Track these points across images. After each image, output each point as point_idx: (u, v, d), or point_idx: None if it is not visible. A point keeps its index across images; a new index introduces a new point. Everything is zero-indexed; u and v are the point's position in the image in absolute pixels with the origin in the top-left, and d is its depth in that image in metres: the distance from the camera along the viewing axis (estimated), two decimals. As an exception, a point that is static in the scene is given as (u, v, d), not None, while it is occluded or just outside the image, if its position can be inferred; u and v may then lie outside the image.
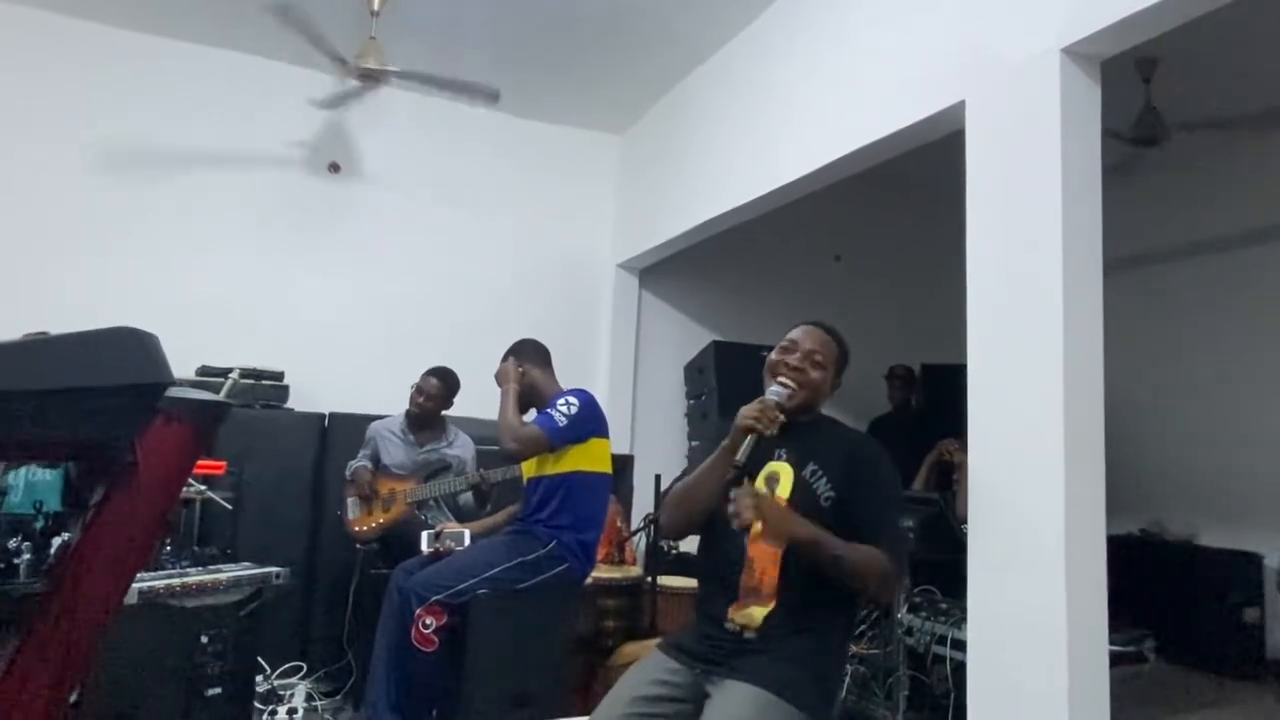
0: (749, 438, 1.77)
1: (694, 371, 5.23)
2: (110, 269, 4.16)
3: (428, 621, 2.57)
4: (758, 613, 1.78)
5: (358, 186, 4.77)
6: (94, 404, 0.97)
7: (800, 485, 1.83)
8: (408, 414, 3.68)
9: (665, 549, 3.89)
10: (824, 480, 1.83)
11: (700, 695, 1.77)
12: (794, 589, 1.77)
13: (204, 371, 3.90)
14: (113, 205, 4.24)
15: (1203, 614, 4.82)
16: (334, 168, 4.71)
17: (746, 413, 1.80)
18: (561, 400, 2.74)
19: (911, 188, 5.71)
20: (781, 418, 1.80)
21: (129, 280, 4.15)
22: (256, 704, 3.02)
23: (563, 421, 2.69)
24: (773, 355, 1.98)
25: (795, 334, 1.99)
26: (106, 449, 1.04)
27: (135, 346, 0.99)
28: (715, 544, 1.92)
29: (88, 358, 0.97)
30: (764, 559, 1.80)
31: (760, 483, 1.86)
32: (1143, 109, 3.96)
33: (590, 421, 2.78)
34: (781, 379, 1.90)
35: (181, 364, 2.04)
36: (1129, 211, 2.84)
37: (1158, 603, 4.54)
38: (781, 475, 1.86)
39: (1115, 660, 2.33)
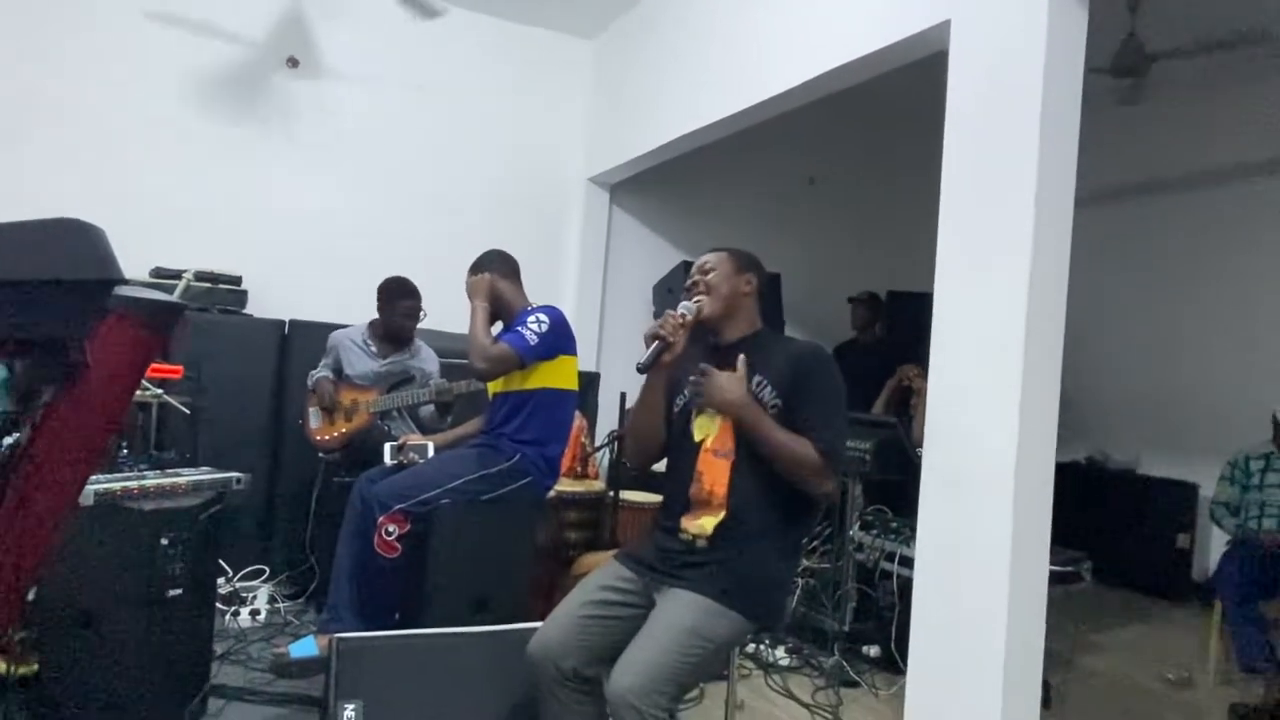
0: (655, 344, 1.86)
1: (662, 291, 5.21)
2: (50, 158, 3.95)
3: (390, 529, 2.59)
4: (709, 522, 1.85)
5: (317, 84, 4.56)
6: (35, 299, 0.93)
7: (752, 395, 1.89)
8: (371, 324, 3.63)
9: (629, 464, 3.95)
10: (769, 389, 1.89)
11: (650, 603, 1.83)
12: (742, 499, 1.84)
13: (157, 273, 3.79)
14: (51, 89, 4.00)
15: (1139, 539, 5.08)
16: (292, 62, 4.48)
17: (653, 325, 1.90)
18: (532, 317, 2.71)
19: (889, 114, 5.63)
20: (682, 332, 1.89)
21: (72, 172, 3.96)
22: (219, 605, 3.06)
23: (533, 340, 2.67)
24: None
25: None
26: (53, 347, 1.00)
27: (80, 239, 0.95)
28: (674, 461, 2.00)
29: (27, 249, 0.92)
30: (713, 471, 1.88)
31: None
32: (1126, 38, 3.90)
33: (560, 339, 2.76)
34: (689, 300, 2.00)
35: (133, 264, 1.97)
36: (1098, 144, 2.83)
37: (1098, 527, 4.76)
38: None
39: (1053, 580, 2.44)
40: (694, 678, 1.76)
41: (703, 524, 1.86)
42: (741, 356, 1.90)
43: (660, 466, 2.08)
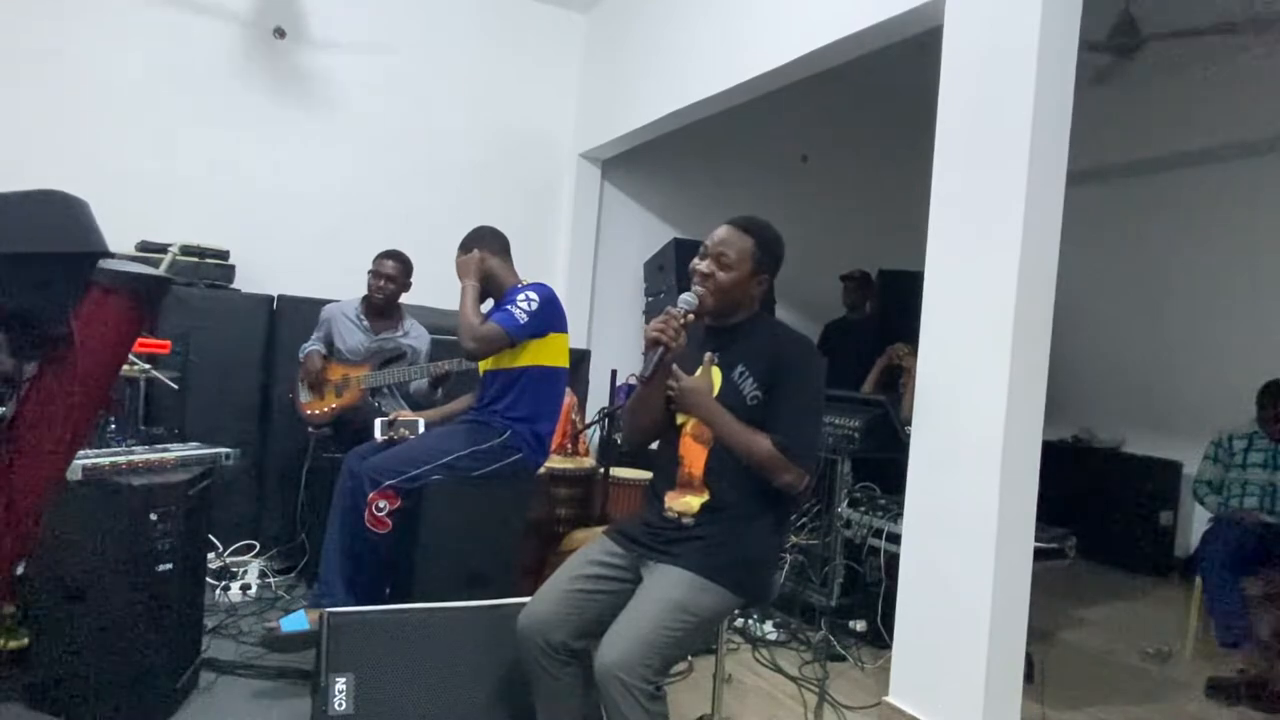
0: (657, 351, 1.81)
1: (654, 268, 5.20)
2: (33, 130, 3.89)
3: (381, 505, 2.59)
4: (694, 501, 1.88)
5: (305, 56, 4.49)
6: (18, 272, 0.92)
7: (727, 385, 1.89)
8: (365, 300, 3.61)
9: (619, 441, 3.96)
10: (750, 380, 1.87)
11: (638, 578, 1.85)
12: (721, 482, 1.86)
13: (143, 247, 3.75)
14: (36, 61, 3.93)
15: (1123, 516, 5.14)
16: (280, 33, 4.41)
17: (653, 325, 1.83)
18: (522, 296, 2.70)
19: (882, 91, 5.61)
20: (683, 332, 1.82)
21: (55, 144, 3.90)
22: (209, 580, 3.07)
23: (523, 319, 2.66)
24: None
25: (711, 235, 1.95)
26: (38, 321, 0.99)
27: (64, 211, 0.93)
28: (661, 442, 2.01)
29: (9, 221, 0.91)
30: (691, 454, 1.90)
31: None
32: (1120, 15, 3.89)
33: (550, 317, 2.75)
34: (695, 286, 1.91)
35: (118, 238, 1.95)
36: (1087, 123, 2.83)
37: (1083, 505, 4.82)
38: (712, 377, 1.92)
39: (1038, 556, 2.47)
40: (680, 651, 1.77)
41: (688, 502, 1.88)
42: (708, 355, 1.91)
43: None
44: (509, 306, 2.68)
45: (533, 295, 2.70)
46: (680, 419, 1.94)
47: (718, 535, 1.83)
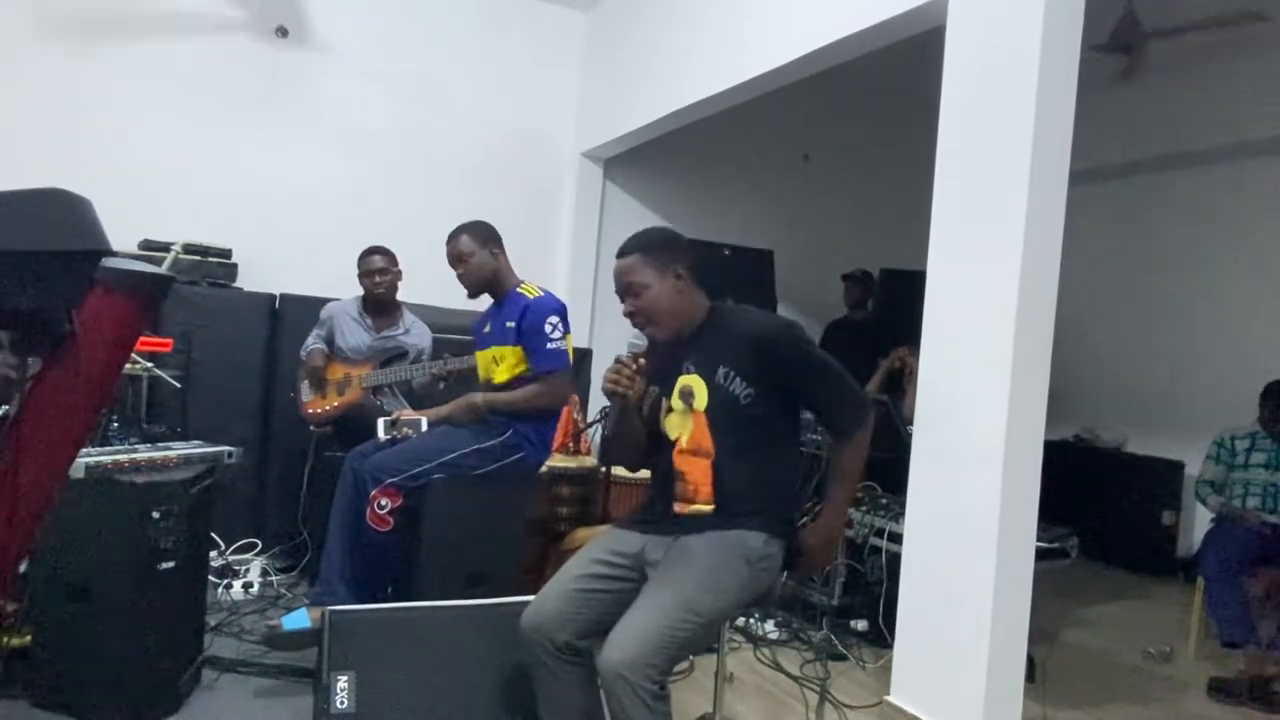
0: (615, 402, 1.81)
1: (655, 267, 5.19)
2: (39, 130, 3.90)
3: (383, 503, 2.60)
4: (704, 508, 1.85)
5: (308, 54, 4.49)
6: (21, 270, 0.92)
7: (715, 392, 1.84)
8: (364, 299, 3.60)
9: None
10: (737, 379, 1.82)
11: (643, 576, 1.83)
12: (728, 493, 1.84)
13: (146, 246, 3.75)
14: (39, 60, 3.94)
15: (1125, 516, 5.13)
16: (282, 32, 4.42)
17: (607, 377, 1.81)
18: (546, 325, 2.70)
19: (885, 90, 5.61)
20: (638, 376, 1.82)
21: (58, 142, 3.90)
22: (212, 578, 3.07)
23: (564, 346, 2.72)
24: None
25: (614, 279, 1.93)
26: (40, 319, 0.99)
27: (67, 209, 0.94)
28: (655, 458, 1.99)
29: (12, 219, 0.91)
30: (695, 471, 1.86)
31: (675, 400, 1.88)
32: (1122, 14, 3.88)
33: (567, 329, 2.79)
34: (634, 328, 1.89)
35: (121, 237, 1.95)
36: (1089, 122, 2.83)
37: (1086, 505, 4.81)
38: (695, 388, 1.86)
39: (1040, 556, 2.47)
40: (684, 652, 1.76)
41: (697, 508, 1.86)
42: (685, 367, 1.87)
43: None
44: (545, 345, 2.69)
45: (554, 320, 2.71)
46: (674, 433, 1.89)
47: (727, 524, 1.82)
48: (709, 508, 1.84)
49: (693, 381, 1.87)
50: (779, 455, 1.91)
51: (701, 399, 1.85)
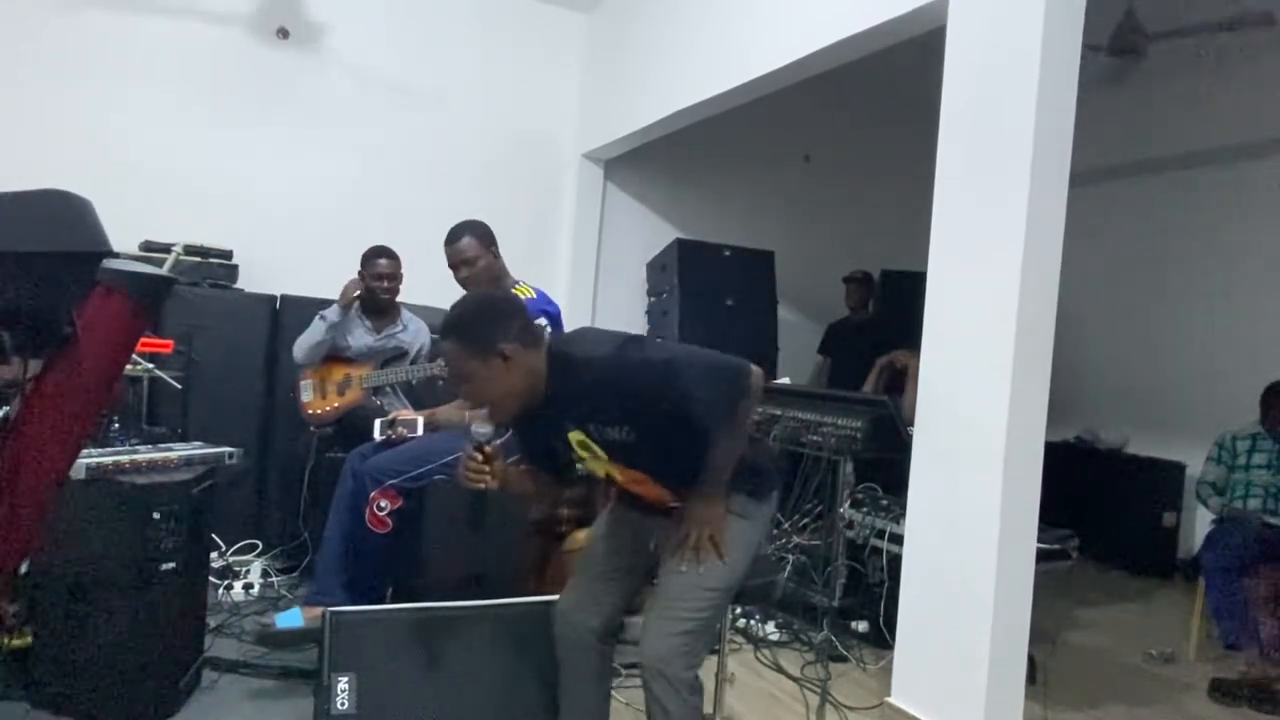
0: (478, 497, 1.82)
1: (656, 268, 5.20)
2: (39, 131, 3.90)
3: (382, 504, 2.59)
4: (673, 505, 1.89)
5: (309, 55, 4.49)
6: (22, 270, 0.92)
7: (603, 443, 1.78)
8: (363, 301, 3.59)
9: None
10: (613, 428, 1.74)
11: (647, 550, 1.95)
12: (687, 482, 1.80)
13: (146, 247, 3.75)
14: (39, 60, 3.94)
15: (1126, 517, 5.13)
16: (283, 33, 4.42)
17: (463, 478, 1.78)
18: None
19: (886, 92, 5.61)
20: (491, 462, 1.77)
21: (59, 144, 3.89)
22: (212, 579, 3.07)
23: None
24: None
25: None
26: (42, 319, 0.99)
27: (68, 210, 0.94)
28: (602, 489, 2.09)
29: (14, 221, 0.91)
30: (645, 487, 1.89)
31: (580, 452, 1.85)
32: (1124, 16, 3.88)
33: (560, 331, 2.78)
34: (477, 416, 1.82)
35: (121, 238, 1.95)
36: (1090, 123, 2.83)
37: (1086, 506, 4.81)
38: (586, 441, 1.81)
39: (1041, 557, 2.47)
40: (711, 632, 1.86)
41: (667, 506, 1.90)
42: (569, 432, 1.80)
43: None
44: None
45: (541, 322, 2.67)
46: (600, 472, 1.88)
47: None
48: (677, 504, 1.88)
49: (580, 436, 1.80)
50: (700, 434, 1.75)
51: (599, 449, 1.81)
